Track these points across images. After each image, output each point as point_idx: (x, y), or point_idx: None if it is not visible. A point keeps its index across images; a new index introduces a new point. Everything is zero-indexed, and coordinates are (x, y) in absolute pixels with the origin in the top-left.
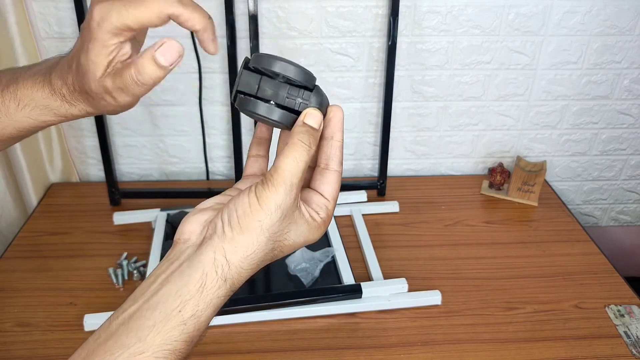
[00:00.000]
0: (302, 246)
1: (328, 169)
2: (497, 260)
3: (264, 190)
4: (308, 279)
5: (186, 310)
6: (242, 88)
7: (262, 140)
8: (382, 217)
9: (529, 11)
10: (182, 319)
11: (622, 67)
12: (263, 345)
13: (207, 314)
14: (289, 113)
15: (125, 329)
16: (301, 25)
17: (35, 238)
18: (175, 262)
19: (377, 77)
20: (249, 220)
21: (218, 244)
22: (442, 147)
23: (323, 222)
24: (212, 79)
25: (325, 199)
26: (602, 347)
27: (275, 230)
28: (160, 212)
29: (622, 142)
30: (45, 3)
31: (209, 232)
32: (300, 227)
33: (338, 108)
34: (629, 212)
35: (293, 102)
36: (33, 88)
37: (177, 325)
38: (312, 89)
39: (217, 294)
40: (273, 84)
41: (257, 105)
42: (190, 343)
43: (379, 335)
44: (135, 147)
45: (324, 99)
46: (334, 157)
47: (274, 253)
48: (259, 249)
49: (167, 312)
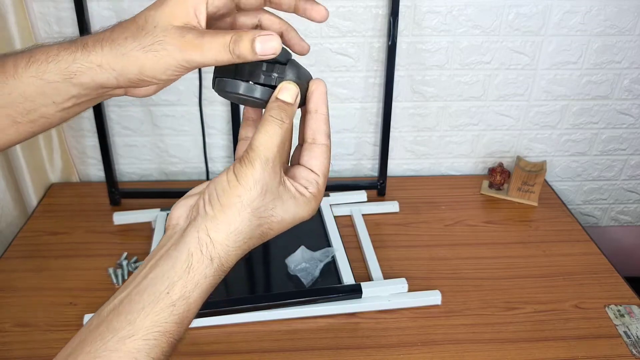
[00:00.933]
0: (293, 223)
1: (315, 142)
2: (497, 260)
3: (241, 168)
4: (308, 279)
5: (174, 292)
6: (220, 71)
7: (249, 122)
8: (382, 217)
9: (529, 11)
10: (170, 301)
11: (622, 67)
12: (263, 345)
13: (195, 295)
14: (268, 89)
15: (115, 314)
16: (301, 25)
17: (35, 238)
18: (163, 247)
19: (377, 77)
20: (228, 196)
21: (201, 223)
22: (442, 147)
23: (313, 197)
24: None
25: (315, 174)
26: (602, 347)
27: (257, 205)
28: (160, 212)
29: (622, 142)
30: (45, 3)
31: (193, 214)
32: (287, 202)
33: (320, 81)
34: (629, 212)
35: (269, 79)
36: (51, 46)
37: (166, 306)
38: (286, 62)
39: (204, 273)
40: (250, 64)
41: (237, 85)
42: (181, 325)
43: (379, 335)
44: (135, 147)
45: (302, 72)
46: (320, 130)
47: (261, 229)
48: (242, 224)
49: (155, 295)
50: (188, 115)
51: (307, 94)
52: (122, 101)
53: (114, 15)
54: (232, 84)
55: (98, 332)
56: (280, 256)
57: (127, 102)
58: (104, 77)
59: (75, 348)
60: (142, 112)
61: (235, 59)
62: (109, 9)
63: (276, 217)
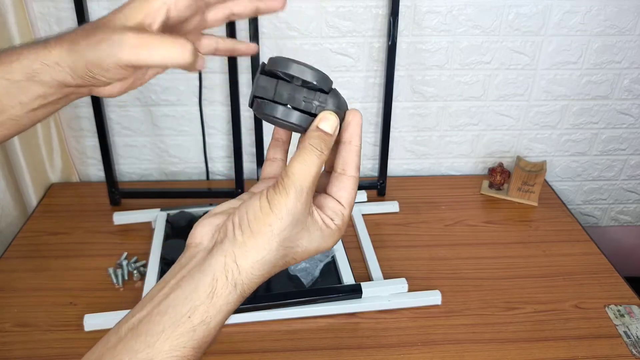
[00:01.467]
0: (315, 254)
1: (345, 174)
2: (497, 260)
3: (275, 194)
4: (308, 279)
5: (196, 316)
6: (259, 93)
7: (279, 143)
8: (382, 217)
9: (529, 11)
10: (191, 325)
11: (622, 67)
12: (263, 345)
13: (216, 321)
14: (306, 116)
15: (134, 333)
16: (301, 25)
17: (35, 238)
18: (186, 267)
19: (377, 77)
20: (260, 223)
21: (229, 248)
22: (442, 147)
23: (338, 229)
24: (212, 79)
25: (341, 205)
26: (602, 347)
27: (286, 235)
28: (160, 212)
29: (622, 142)
30: (45, 3)
31: (220, 236)
32: (313, 234)
33: (357, 112)
34: (629, 212)
35: (310, 105)
36: (17, 47)
37: (187, 331)
38: (328, 91)
39: (227, 299)
40: (290, 88)
41: (274, 109)
42: (198, 350)
43: (379, 335)
44: (135, 147)
45: (342, 102)
46: (351, 162)
47: (285, 260)
48: (270, 254)
49: (176, 318)
50: (188, 115)
51: (343, 124)
52: (122, 101)
53: None
54: (270, 107)
55: (116, 351)
56: None
57: (127, 102)
58: (62, 75)
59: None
60: (142, 112)
61: (176, 64)
62: (108, 9)
63: (301, 248)
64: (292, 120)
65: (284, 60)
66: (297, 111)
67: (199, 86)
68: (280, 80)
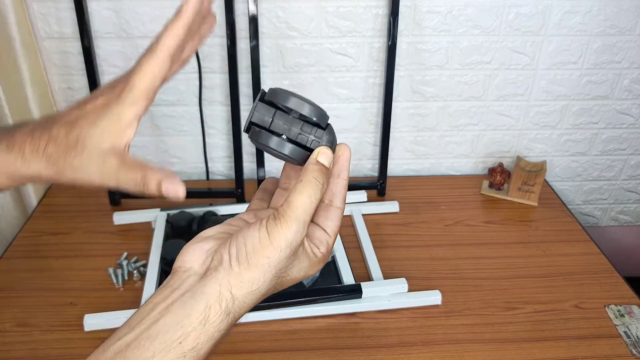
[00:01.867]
0: (301, 280)
1: (332, 205)
2: (497, 260)
3: (275, 226)
4: (308, 279)
5: (187, 343)
6: (255, 120)
7: (267, 192)
8: (382, 217)
9: (529, 11)
10: (182, 351)
11: (622, 67)
12: (263, 345)
13: (207, 348)
14: (299, 149)
15: (121, 358)
16: (301, 25)
17: (35, 238)
18: (176, 291)
19: (377, 77)
20: (258, 256)
21: (224, 277)
22: (442, 147)
23: (323, 257)
24: (212, 79)
25: (327, 235)
26: (602, 347)
27: (281, 266)
28: (160, 212)
29: (622, 142)
30: (45, 3)
31: (214, 263)
32: (302, 263)
33: (346, 147)
34: (629, 212)
35: (305, 139)
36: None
37: (177, 357)
38: (324, 127)
39: (219, 327)
40: (287, 119)
41: (269, 138)
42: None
43: (379, 335)
44: (135, 147)
45: (335, 138)
46: (339, 194)
47: (275, 288)
48: (264, 285)
49: (167, 344)
50: (188, 115)
51: (334, 158)
52: None
53: (114, 15)
54: (265, 136)
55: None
56: None
57: None
58: (39, 179)
59: None
60: None
61: (147, 193)
62: (108, 9)
63: (291, 276)
64: (285, 152)
65: (284, 93)
66: (291, 143)
67: (199, 86)
68: (278, 110)
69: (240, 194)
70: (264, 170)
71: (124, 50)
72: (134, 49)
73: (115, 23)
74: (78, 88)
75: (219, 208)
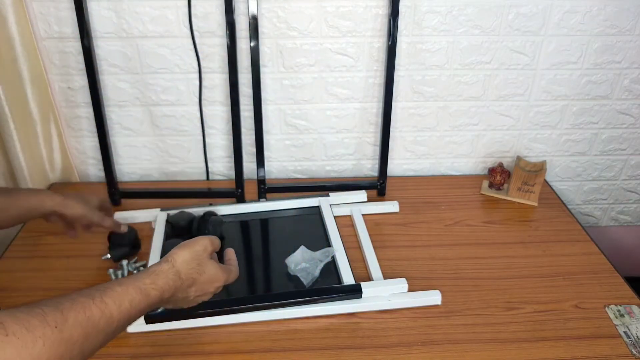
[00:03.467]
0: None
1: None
2: (497, 260)
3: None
4: (308, 279)
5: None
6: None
7: None
8: (382, 217)
9: (529, 11)
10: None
11: (622, 67)
12: (263, 345)
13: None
14: None
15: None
16: (301, 25)
17: (35, 238)
18: None
19: (377, 77)
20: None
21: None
22: (442, 147)
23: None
24: (212, 79)
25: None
26: (602, 347)
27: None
28: (160, 212)
29: (622, 142)
30: (45, 3)
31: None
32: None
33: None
34: (629, 212)
35: None
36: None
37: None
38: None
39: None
40: None
41: None
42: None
43: (379, 335)
44: (135, 147)
45: None
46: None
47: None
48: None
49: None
50: (188, 115)
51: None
52: (122, 101)
53: (114, 15)
54: None
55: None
56: (280, 256)
57: (127, 102)
58: None
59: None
60: (142, 112)
61: None
62: (108, 9)
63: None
64: None
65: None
66: None
67: (199, 86)
68: None
69: (240, 194)
70: (264, 170)
71: (124, 50)
72: (134, 49)
73: (115, 23)
74: (78, 88)
75: (219, 208)
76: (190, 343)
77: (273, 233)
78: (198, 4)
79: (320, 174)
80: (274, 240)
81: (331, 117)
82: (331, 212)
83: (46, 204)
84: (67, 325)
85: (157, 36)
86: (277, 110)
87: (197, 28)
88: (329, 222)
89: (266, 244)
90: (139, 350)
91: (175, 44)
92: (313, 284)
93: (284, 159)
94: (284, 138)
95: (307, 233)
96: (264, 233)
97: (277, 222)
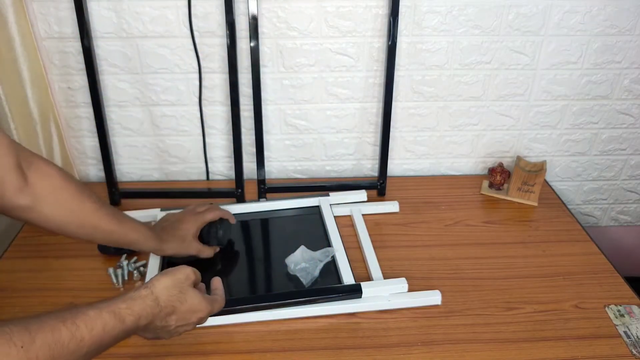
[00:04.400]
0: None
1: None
2: (497, 260)
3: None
4: (308, 279)
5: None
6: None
7: None
8: (382, 217)
9: (529, 11)
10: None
11: (622, 67)
12: (263, 345)
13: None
14: None
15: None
16: (301, 25)
17: (35, 238)
18: None
19: (377, 77)
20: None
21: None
22: (442, 147)
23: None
24: (212, 79)
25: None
26: (602, 347)
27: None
28: (160, 212)
29: (622, 142)
30: (45, 3)
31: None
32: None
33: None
34: (629, 212)
35: None
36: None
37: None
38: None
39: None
40: None
41: None
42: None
43: (379, 335)
44: (135, 147)
45: None
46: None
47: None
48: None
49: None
50: (188, 115)
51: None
52: (122, 101)
53: (114, 15)
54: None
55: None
56: (280, 256)
57: (127, 102)
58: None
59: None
60: (142, 112)
61: None
62: (109, 9)
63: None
64: None
65: None
66: None
67: (199, 86)
68: None
69: (240, 194)
70: (264, 170)
71: (124, 50)
72: (134, 49)
73: (115, 23)
74: (78, 88)
75: None
76: (190, 343)
77: (273, 233)
78: (198, 4)
79: (320, 174)
80: (274, 240)
81: (331, 117)
82: (331, 212)
83: (145, 246)
84: (34, 346)
85: (157, 36)
86: (277, 110)
87: (197, 28)
88: (329, 222)
89: (266, 244)
90: (139, 350)
91: (175, 44)
92: (313, 284)
93: (284, 159)
94: (284, 138)
95: (307, 233)
96: (264, 233)
97: (277, 222)
